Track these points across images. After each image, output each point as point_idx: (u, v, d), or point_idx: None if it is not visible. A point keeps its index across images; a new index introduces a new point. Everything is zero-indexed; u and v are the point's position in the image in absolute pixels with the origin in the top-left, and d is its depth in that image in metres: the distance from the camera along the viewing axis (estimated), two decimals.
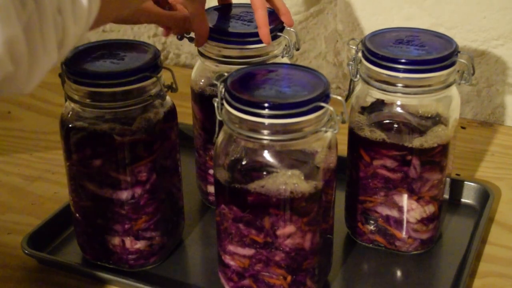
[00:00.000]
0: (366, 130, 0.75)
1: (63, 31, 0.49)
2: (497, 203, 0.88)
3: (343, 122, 0.64)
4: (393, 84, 0.73)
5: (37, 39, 0.47)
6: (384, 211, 0.78)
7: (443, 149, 0.75)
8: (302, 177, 0.64)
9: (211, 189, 0.86)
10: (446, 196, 0.81)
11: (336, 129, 0.64)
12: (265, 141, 0.63)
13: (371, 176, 0.77)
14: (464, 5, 1.06)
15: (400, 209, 0.77)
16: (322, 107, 0.63)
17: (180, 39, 0.83)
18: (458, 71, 0.74)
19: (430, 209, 0.77)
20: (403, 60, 0.71)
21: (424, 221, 0.77)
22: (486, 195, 0.87)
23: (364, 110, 0.76)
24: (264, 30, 0.75)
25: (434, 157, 0.75)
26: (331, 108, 0.63)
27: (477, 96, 1.11)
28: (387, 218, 0.78)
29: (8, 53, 0.44)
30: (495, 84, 1.09)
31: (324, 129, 0.64)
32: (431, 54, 0.72)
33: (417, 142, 0.74)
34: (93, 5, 0.50)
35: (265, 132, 0.62)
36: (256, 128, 0.63)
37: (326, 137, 0.66)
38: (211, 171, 0.84)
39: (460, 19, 1.06)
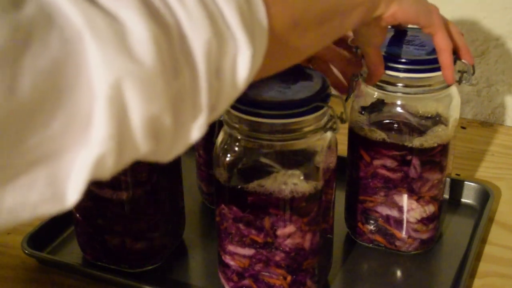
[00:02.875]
0: (366, 130, 0.75)
1: (217, 96, 0.42)
2: (497, 203, 0.88)
3: (343, 122, 0.64)
4: (393, 84, 0.73)
5: (186, 110, 0.40)
6: (384, 211, 0.78)
7: (443, 149, 0.75)
8: (302, 177, 0.64)
9: (211, 189, 0.86)
10: (446, 196, 0.81)
11: (336, 129, 0.64)
12: (265, 141, 0.63)
13: (371, 176, 0.77)
14: (464, 5, 1.06)
15: (400, 209, 0.77)
16: (322, 107, 0.63)
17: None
18: (459, 71, 0.74)
19: (430, 209, 0.77)
20: (403, 60, 0.71)
21: (424, 221, 0.77)
22: (486, 195, 0.87)
23: (364, 110, 0.76)
24: (449, 72, 0.70)
25: (434, 157, 0.75)
26: (331, 108, 0.63)
27: (477, 96, 1.11)
28: (387, 218, 0.78)
29: (150, 132, 0.38)
30: (495, 84, 1.09)
31: (324, 129, 0.64)
32: (431, 54, 0.72)
33: (417, 141, 0.74)
34: (254, 70, 0.43)
35: (265, 132, 0.62)
36: (256, 128, 0.63)
37: (326, 137, 0.66)
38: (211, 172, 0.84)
39: (460, 19, 1.06)
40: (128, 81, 0.35)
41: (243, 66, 0.42)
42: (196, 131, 0.42)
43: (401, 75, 0.71)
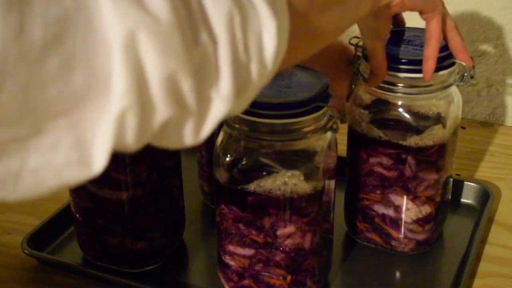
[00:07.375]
0: (364, 127, 0.76)
1: (247, 73, 0.40)
2: (497, 203, 0.88)
3: (343, 122, 0.64)
4: (393, 84, 0.73)
5: (209, 79, 0.38)
6: (380, 209, 0.78)
7: (439, 149, 0.74)
8: (302, 177, 0.64)
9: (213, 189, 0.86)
10: (449, 197, 0.81)
11: (336, 129, 0.64)
12: (265, 141, 0.63)
13: (367, 174, 0.77)
14: (464, 5, 1.06)
15: (396, 208, 0.77)
16: (322, 107, 0.63)
17: None
18: (458, 72, 0.74)
19: (426, 209, 0.77)
20: (403, 60, 0.71)
21: (420, 221, 0.77)
22: (486, 195, 0.87)
23: (364, 108, 0.76)
24: (430, 64, 0.68)
25: (431, 157, 0.75)
26: (331, 108, 0.63)
27: (477, 96, 1.11)
28: (383, 217, 0.78)
29: (169, 93, 0.37)
30: (495, 84, 1.09)
31: (324, 129, 0.64)
32: None
33: (412, 140, 0.74)
34: (281, 46, 0.42)
35: (265, 132, 0.62)
36: (256, 128, 0.63)
37: (326, 137, 0.66)
38: None
39: (460, 19, 1.06)
40: (143, 32, 0.35)
41: (269, 40, 0.41)
42: (222, 104, 0.40)
43: (401, 75, 0.71)
